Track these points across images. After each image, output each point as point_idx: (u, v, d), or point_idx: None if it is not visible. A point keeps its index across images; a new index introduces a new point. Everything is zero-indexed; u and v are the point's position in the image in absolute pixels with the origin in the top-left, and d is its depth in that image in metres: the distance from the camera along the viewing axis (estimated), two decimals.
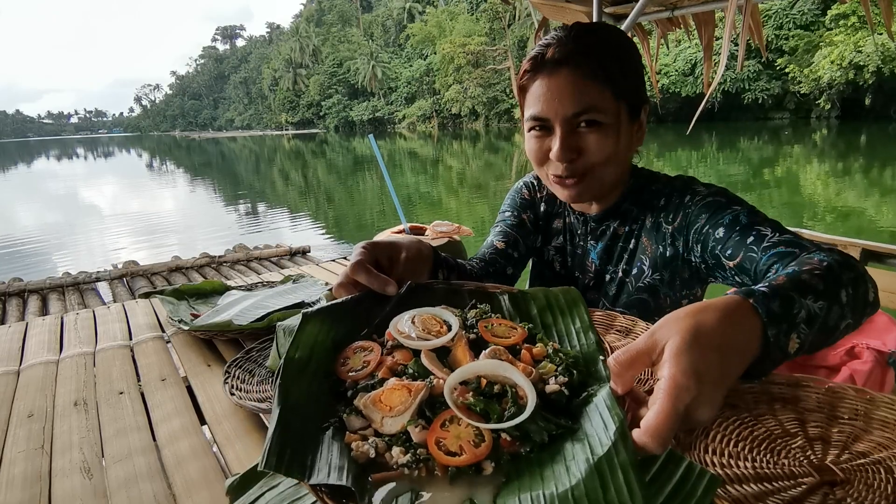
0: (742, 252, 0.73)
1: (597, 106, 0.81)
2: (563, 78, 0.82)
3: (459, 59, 40.17)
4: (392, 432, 0.45)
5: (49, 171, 31.32)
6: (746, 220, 0.76)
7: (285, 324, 0.90)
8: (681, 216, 0.86)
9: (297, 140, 45.63)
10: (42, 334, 1.21)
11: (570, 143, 0.83)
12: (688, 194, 0.87)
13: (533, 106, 0.86)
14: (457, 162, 19.52)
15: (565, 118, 0.82)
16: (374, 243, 0.68)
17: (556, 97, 0.82)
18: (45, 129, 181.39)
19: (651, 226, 0.92)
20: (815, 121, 26.42)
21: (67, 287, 5.25)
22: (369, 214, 10.52)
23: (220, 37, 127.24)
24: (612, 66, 0.82)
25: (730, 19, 1.72)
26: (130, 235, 9.28)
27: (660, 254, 0.90)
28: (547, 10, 2.45)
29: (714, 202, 0.82)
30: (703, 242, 0.81)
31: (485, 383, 0.48)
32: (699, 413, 0.40)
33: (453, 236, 1.21)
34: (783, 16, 25.86)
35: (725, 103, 28.46)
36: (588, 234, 1.01)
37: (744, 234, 0.75)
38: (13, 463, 0.72)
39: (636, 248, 0.94)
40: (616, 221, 0.97)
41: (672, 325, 0.43)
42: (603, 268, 0.99)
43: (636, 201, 0.95)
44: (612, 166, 0.86)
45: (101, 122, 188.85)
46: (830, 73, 22.72)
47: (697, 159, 14.68)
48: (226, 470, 0.68)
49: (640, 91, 0.88)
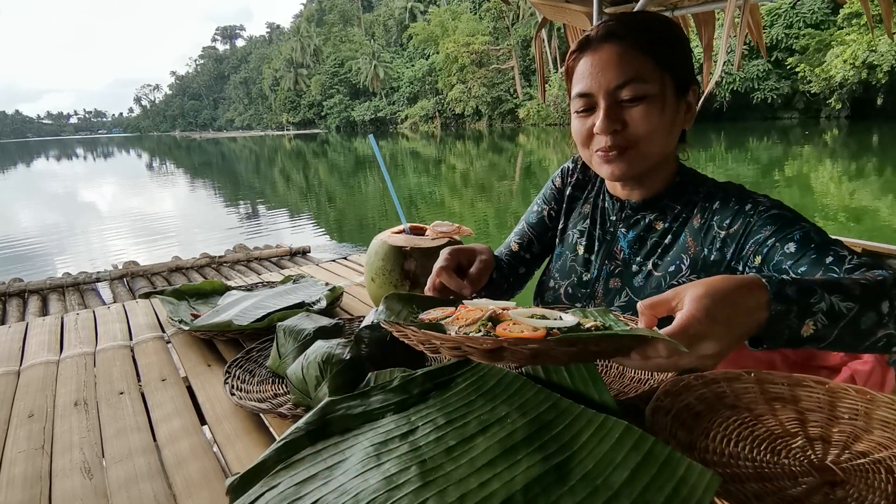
0: (820, 272, 0.72)
1: (640, 76, 0.81)
2: (606, 51, 0.82)
3: (463, 58, 40.10)
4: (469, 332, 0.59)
5: (49, 171, 31.33)
6: (819, 239, 0.76)
7: (286, 324, 0.90)
8: (739, 223, 0.84)
9: (298, 140, 45.60)
10: (42, 334, 1.21)
11: (614, 115, 0.83)
12: (748, 203, 0.84)
13: (578, 84, 0.86)
14: (460, 162, 19.48)
15: (608, 90, 0.82)
16: (457, 249, 0.91)
17: (599, 70, 0.83)
18: (45, 130, 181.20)
19: (699, 227, 0.89)
20: (824, 120, 26.23)
21: (68, 287, 5.25)
22: (370, 215, 10.52)
23: (219, 37, 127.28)
24: (656, 38, 0.82)
25: (728, 19, 1.72)
26: (131, 236, 9.29)
27: (703, 256, 0.88)
28: (547, 10, 2.44)
29: (780, 215, 0.81)
30: (767, 255, 0.78)
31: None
32: (704, 346, 0.51)
33: (454, 236, 1.21)
34: (792, 15, 25.61)
35: (733, 103, 28.29)
36: (621, 221, 0.99)
37: (821, 253, 0.73)
38: (13, 463, 0.72)
39: (674, 245, 0.92)
40: (654, 214, 0.95)
41: (694, 283, 0.55)
42: (631, 258, 0.97)
43: (679, 198, 0.94)
44: (657, 141, 0.85)
45: (100, 123, 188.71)
46: (843, 72, 22.46)
47: (706, 159, 14.59)
48: (226, 470, 0.68)
49: (688, 68, 0.87)
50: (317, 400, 0.72)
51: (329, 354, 0.74)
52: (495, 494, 0.45)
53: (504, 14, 39.18)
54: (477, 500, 0.44)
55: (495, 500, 0.44)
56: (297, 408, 0.75)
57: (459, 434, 0.54)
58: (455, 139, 32.42)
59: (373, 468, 0.50)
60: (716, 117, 29.50)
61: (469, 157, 20.80)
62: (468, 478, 0.47)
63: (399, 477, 0.48)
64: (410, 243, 1.14)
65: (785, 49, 25.94)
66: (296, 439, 0.55)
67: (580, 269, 1.03)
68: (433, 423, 0.57)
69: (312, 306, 1.17)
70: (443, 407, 0.59)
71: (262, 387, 0.84)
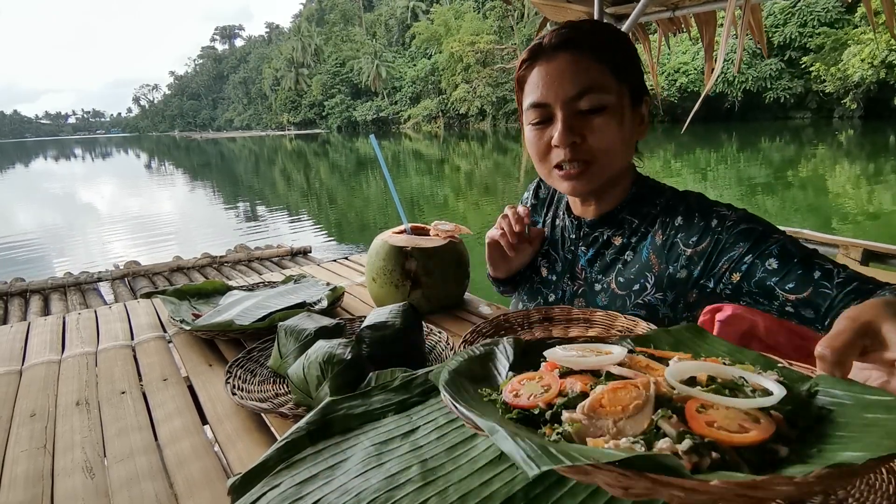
0: (811, 288, 0.71)
1: (598, 85, 0.79)
2: (561, 60, 0.80)
3: (468, 57, 40.01)
4: (637, 433, 0.37)
5: (49, 171, 31.39)
6: (798, 252, 0.75)
7: (287, 324, 0.90)
8: (708, 241, 0.81)
9: (299, 140, 45.58)
10: (44, 334, 1.21)
11: (573, 126, 0.80)
12: (714, 217, 0.82)
13: (532, 94, 0.83)
14: (464, 162, 19.46)
15: (566, 100, 0.80)
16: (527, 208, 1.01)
17: (555, 80, 0.80)
18: (43, 130, 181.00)
19: (663, 244, 0.87)
20: (837, 120, 25.96)
21: (69, 287, 5.26)
22: (371, 215, 10.52)
23: (218, 37, 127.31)
24: (612, 48, 0.81)
25: (729, 18, 1.72)
26: (132, 236, 9.29)
27: (668, 274, 0.86)
28: (548, 10, 2.45)
29: (750, 230, 0.79)
30: (747, 272, 0.77)
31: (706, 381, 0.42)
32: None
33: (455, 235, 1.21)
34: (807, 13, 25.24)
35: (745, 102, 28.05)
36: (580, 240, 0.97)
37: (806, 268, 0.73)
38: (15, 462, 0.72)
39: (635, 261, 0.90)
40: (612, 230, 0.93)
41: (877, 310, 0.46)
42: (593, 275, 0.95)
43: (636, 212, 0.91)
44: (617, 154, 0.83)
45: (98, 123, 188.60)
46: (861, 71, 22.08)
47: (717, 160, 14.49)
48: (227, 469, 0.68)
49: (641, 80, 0.86)
50: (318, 400, 0.72)
51: (330, 354, 0.74)
52: (496, 494, 0.45)
53: (509, 13, 39.12)
54: (478, 500, 0.44)
55: (496, 499, 0.44)
56: (299, 408, 0.75)
57: (460, 434, 0.54)
58: (459, 139, 32.38)
59: (374, 468, 0.50)
60: (726, 117, 29.32)
61: (473, 158, 20.79)
62: (469, 477, 0.47)
63: (400, 476, 0.48)
64: (412, 243, 1.14)
65: (799, 48, 25.57)
66: (297, 439, 0.55)
67: (546, 291, 1.02)
68: (434, 422, 0.57)
69: (313, 306, 1.17)
70: (444, 406, 0.59)
71: (263, 387, 0.84)
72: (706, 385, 0.42)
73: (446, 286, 1.20)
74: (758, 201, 8.99)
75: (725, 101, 28.13)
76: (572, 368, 0.46)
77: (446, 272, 1.18)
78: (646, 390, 0.40)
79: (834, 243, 3.51)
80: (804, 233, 3.74)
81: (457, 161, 20.33)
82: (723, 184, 11.02)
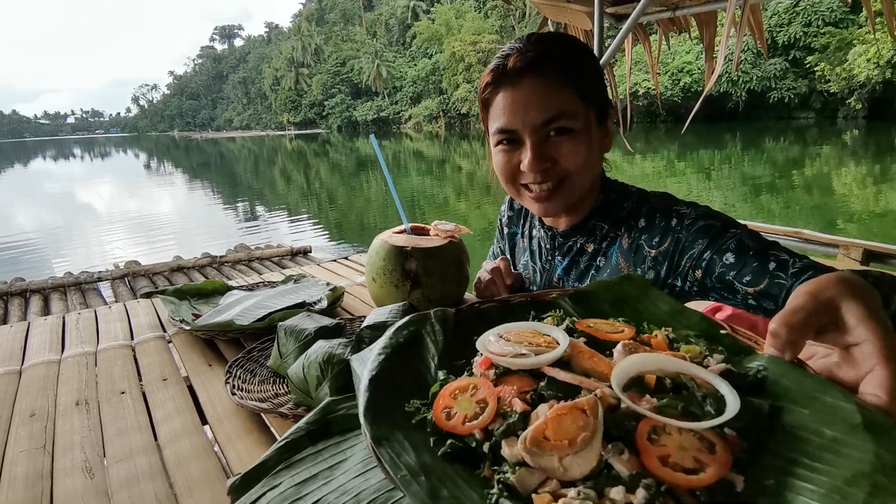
0: (767, 279, 0.72)
1: (566, 111, 0.80)
2: (527, 86, 0.80)
3: (470, 57, 39.97)
4: (585, 472, 0.34)
5: (48, 171, 31.38)
6: (755, 245, 0.75)
7: (287, 324, 0.90)
8: (669, 240, 0.83)
9: (299, 140, 45.59)
10: (44, 334, 1.21)
11: (543, 152, 0.81)
12: (673, 217, 0.84)
13: (498, 119, 0.84)
14: (465, 162, 19.45)
15: (535, 127, 0.80)
16: (506, 260, 1.05)
17: (522, 107, 0.80)
18: (42, 130, 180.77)
19: (629, 247, 0.89)
20: (841, 120, 25.85)
21: (69, 287, 5.26)
22: (371, 215, 10.52)
23: (218, 36, 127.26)
24: (576, 70, 0.81)
25: (729, 18, 1.72)
26: (132, 236, 9.30)
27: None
28: (548, 10, 2.45)
29: (708, 227, 0.80)
30: (707, 268, 0.78)
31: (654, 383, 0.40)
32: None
33: (455, 235, 1.21)
34: (811, 12, 25.09)
35: (748, 102, 27.96)
36: (556, 249, 0.99)
37: (761, 260, 0.73)
38: (15, 462, 0.72)
39: (606, 266, 0.92)
40: (584, 237, 0.95)
41: (838, 288, 0.43)
42: (571, 284, 0.97)
43: (606, 217, 0.93)
44: (587, 173, 0.85)
45: (97, 123, 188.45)
46: (867, 71, 21.93)
47: (720, 160, 14.45)
48: (227, 469, 0.68)
49: (604, 94, 0.87)
50: (318, 400, 0.72)
51: (330, 354, 0.74)
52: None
53: (510, 12, 39.10)
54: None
55: None
56: (298, 408, 0.75)
57: None
58: (460, 139, 32.37)
59: (374, 468, 0.50)
60: (730, 117, 29.25)
61: (475, 158, 20.75)
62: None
63: None
64: (412, 243, 1.14)
65: (803, 48, 25.40)
66: (297, 439, 0.55)
67: None
68: None
69: (313, 306, 1.17)
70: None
71: (263, 386, 0.84)
72: (654, 388, 0.40)
73: (446, 286, 1.20)
74: (761, 202, 8.98)
75: (729, 100, 28.03)
76: (509, 368, 0.44)
77: (446, 272, 1.18)
78: (593, 416, 0.36)
79: (834, 243, 3.50)
80: (804, 233, 3.73)
81: (458, 161, 20.32)
82: (726, 184, 11.01)
